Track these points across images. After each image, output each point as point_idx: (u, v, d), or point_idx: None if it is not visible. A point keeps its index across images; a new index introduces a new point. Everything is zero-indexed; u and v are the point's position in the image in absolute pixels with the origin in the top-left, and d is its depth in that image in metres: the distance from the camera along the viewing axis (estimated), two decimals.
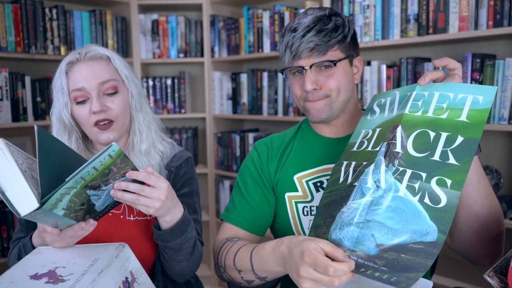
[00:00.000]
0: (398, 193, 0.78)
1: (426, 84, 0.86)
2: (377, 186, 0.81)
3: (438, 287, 1.79)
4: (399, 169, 0.80)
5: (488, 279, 0.80)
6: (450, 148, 0.77)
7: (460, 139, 0.77)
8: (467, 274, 1.80)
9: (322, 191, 1.07)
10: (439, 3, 1.75)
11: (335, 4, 2.06)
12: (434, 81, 0.87)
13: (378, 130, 0.89)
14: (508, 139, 1.83)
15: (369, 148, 0.88)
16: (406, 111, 0.85)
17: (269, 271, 0.92)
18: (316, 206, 1.06)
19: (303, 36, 0.99)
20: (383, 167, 0.81)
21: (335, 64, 1.00)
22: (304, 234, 1.07)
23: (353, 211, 0.81)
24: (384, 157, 0.82)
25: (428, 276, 1.15)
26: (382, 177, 0.81)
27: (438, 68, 0.90)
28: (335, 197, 0.88)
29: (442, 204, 0.74)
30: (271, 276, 0.95)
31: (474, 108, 0.79)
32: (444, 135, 0.79)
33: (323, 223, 0.86)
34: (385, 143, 0.84)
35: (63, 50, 2.39)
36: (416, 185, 0.77)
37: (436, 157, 0.78)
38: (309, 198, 1.08)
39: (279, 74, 2.40)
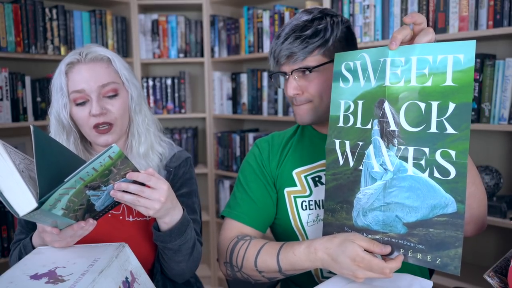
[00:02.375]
0: (407, 173, 0.79)
1: (398, 48, 0.81)
2: (385, 169, 0.81)
3: (438, 287, 1.79)
4: (401, 148, 0.80)
5: (488, 279, 0.81)
6: (445, 117, 0.76)
7: (452, 106, 0.76)
8: (467, 274, 1.80)
9: (320, 186, 1.08)
10: (439, 3, 1.75)
11: (335, 4, 2.07)
12: (402, 41, 0.82)
13: (360, 103, 0.87)
14: (508, 139, 1.83)
15: (358, 125, 0.87)
16: (387, 83, 0.82)
17: (301, 271, 0.96)
18: (315, 201, 1.08)
19: (282, 43, 1.02)
20: (384, 149, 0.81)
21: (310, 71, 1.01)
22: (303, 228, 1.08)
23: (370, 196, 0.84)
24: (381, 138, 0.82)
25: (427, 276, 1.15)
26: (387, 159, 0.81)
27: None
28: (342, 181, 0.89)
29: (452, 176, 0.76)
30: (296, 273, 0.99)
31: (457, 69, 0.76)
32: (435, 104, 0.77)
33: (340, 208, 0.90)
34: (376, 121, 0.83)
35: (63, 50, 2.39)
36: (422, 162, 0.78)
37: (433, 129, 0.77)
38: (308, 193, 1.08)
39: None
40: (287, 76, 1.04)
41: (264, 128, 2.77)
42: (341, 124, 0.90)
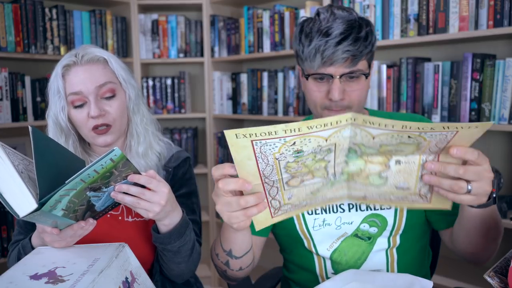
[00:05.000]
0: None
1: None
2: None
3: (438, 287, 1.79)
4: None
5: (488, 279, 0.80)
6: None
7: None
8: (467, 274, 1.80)
9: None
10: (439, 3, 1.75)
11: (335, 4, 2.06)
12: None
13: None
14: (508, 139, 1.83)
15: None
16: None
17: (228, 239, 0.94)
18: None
19: (339, 43, 0.92)
20: None
21: (366, 77, 0.97)
22: (309, 232, 1.06)
23: None
24: None
25: (428, 276, 1.15)
26: None
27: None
28: None
29: None
30: (234, 247, 0.95)
31: None
32: None
33: None
34: None
35: (63, 50, 2.38)
36: None
37: None
38: None
39: (279, 74, 2.40)
40: (332, 79, 0.96)
41: None
42: None
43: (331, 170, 0.77)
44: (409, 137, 0.70)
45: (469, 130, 0.69)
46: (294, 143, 0.70)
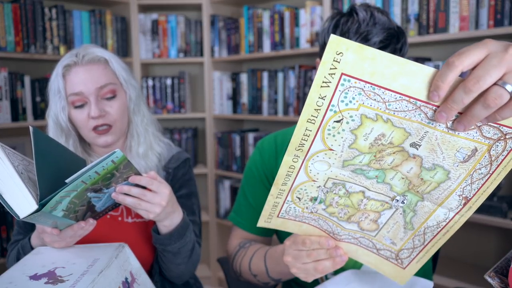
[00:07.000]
0: None
1: None
2: None
3: (438, 287, 1.79)
4: None
5: (489, 279, 0.80)
6: None
7: None
8: (467, 274, 1.80)
9: None
10: (440, 3, 1.75)
11: (335, 4, 2.06)
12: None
13: None
14: None
15: None
16: None
17: (282, 273, 0.95)
18: None
19: None
20: None
21: None
22: None
23: None
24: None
25: (429, 276, 1.15)
26: None
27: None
28: None
29: None
30: (284, 277, 0.97)
31: None
32: None
33: None
34: None
35: (62, 50, 2.38)
36: None
37: None
38: None
39: (279, 74, 2.40)
40: None
41: (264, 128, 2.77)
42: None
43: (385, 194, 0.66)
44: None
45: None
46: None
